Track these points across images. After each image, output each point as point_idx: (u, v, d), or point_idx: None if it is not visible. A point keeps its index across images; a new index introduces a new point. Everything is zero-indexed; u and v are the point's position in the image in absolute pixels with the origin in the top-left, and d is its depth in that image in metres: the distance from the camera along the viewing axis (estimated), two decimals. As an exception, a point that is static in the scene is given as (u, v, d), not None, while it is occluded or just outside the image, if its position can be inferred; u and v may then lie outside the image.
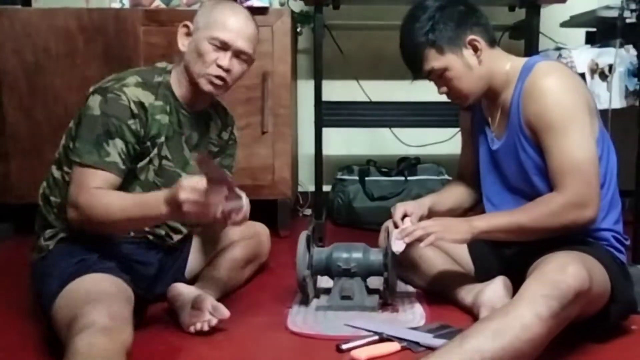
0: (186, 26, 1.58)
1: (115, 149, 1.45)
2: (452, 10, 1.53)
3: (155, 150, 1.54)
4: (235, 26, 1.53)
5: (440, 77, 1.55)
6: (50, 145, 2.33)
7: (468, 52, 1.52)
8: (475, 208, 1.75)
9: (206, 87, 1.54)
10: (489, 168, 1.63)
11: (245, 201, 1.39)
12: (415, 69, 1.57)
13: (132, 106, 1.47)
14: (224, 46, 1.52)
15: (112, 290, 1.32)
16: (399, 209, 1.63)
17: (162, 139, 1.54)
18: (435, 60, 1.52)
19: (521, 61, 1.55)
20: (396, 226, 1.60)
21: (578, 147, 1.41)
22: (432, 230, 1.50)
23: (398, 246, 1.53)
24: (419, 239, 1.51)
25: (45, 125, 2.37)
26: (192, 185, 1.28)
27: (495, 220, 1.51)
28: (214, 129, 1.71)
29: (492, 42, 1.56)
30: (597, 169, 1.42)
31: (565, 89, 1.44)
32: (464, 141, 1.78)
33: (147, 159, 1.53)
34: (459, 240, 1.52)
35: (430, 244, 1.51)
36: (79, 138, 1.45)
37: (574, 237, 1.46)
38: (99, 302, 1.22)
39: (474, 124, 1.69)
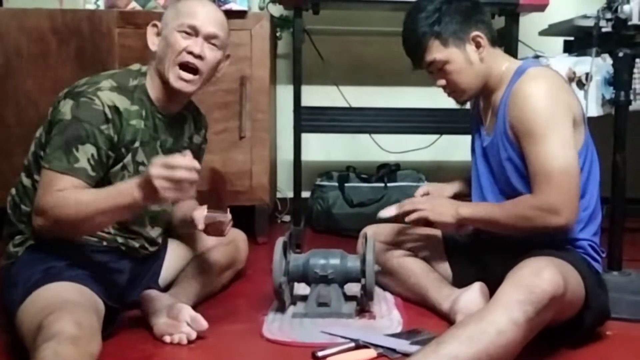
0: (155, 25, 1.56)
1: (85, 155, 1.40)
2: (459, 5, 1.55)
3: (130, 156, 1.50)
4: (202, 11, 1.52)
5: (439, 70, 1.56)
6: (21, 149, 2.27)
7: (470, 48, 1.54)
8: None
9: (176, 83, 1.50)
10: (482, 163, 1.63)
11: (229, 216, 1.54)
12: (417, 59, 1.58)
13: (106, 110, 1.43)
14: (193, 31, 1.50)
15: (79, 299, 1.29)
16: (423, 188, 1.73)
17: (137, 144, 1.51)
18: (437, 52, 1.53)
19: (517, 64, 1.57)
20: None
21: (554, 154, 1.41)
22: (420, 207, 1.56)
23: (386, 212, 1.61)
24: (407, 213, 1.58)
25: (15, 128, 2.32)
26: (163, 161, 1.25)
27: (478, 210, 1.56)
28: (187, 132, 1.68)
29: (494, 41, 1.58)
30: (573, 178, 1.42)
31: (549, 96, 1.44)
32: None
33: (121, 164, 1.49)
34: (443, 222, 1.57)
35: (415, 220, 1.58)
36: (50, 144, 1.41)
37: (551, 242, 1.46)
38: (65, 311, 1.19)
39: (473, 121, 1.71)
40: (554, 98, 1.44)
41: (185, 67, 1.50)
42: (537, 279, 1.23)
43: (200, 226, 1.49)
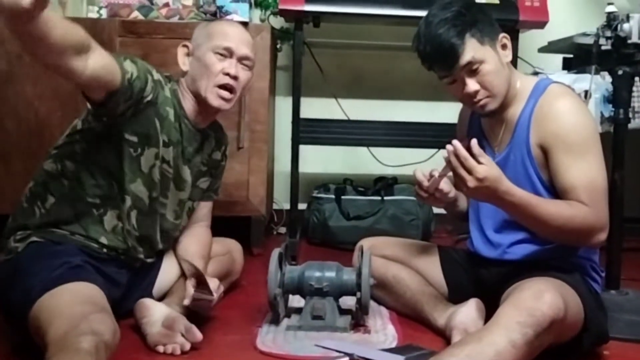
0: (186, 46, 1.62)
1: (130, 65, 1.39)
2: (482, 7, 1.51)
3: (161, 147, 1.53)
4: (235, 33, 1.59)
5: (473, 72, 1.46)
6: (19, 154, 2.29)
7: (499, 49, 1.50)
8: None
9: (215, 102, 1.56)
10: None
11: (215, 297, 1.50)
12: (451, 62, 1.46)
13: (154, 72, 1.49)
14: (228, 53, 1.56)
15: (109, 309, 1.30)
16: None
17: (165, 138, 1.53)
18: (475, 50, 1.45)
19: (531, 80, 1.55)
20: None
21: (599, 170, 1.43)
22: (469, 182, 1.36)
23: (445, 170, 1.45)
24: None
25: (14, 133, 2.31)
26: None
27: (524, 195, 1.41)
28: (207, 149, 1.71)
29: None
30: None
31: (584, 113, 1.46)
32: None
33: (154, 152, 1.52)
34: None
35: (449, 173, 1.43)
36: None
37: (552, 263, 1.46)
38: (107, 317, 1.21)
39: (470, 136, 1.67)
40: (587, 114, 1.47)
41: (223, 87, 1.56)
42: (538, 302, 1.23)
43: (186, 302, 1.49)
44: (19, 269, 1.41)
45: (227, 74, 1.55)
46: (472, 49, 1.45)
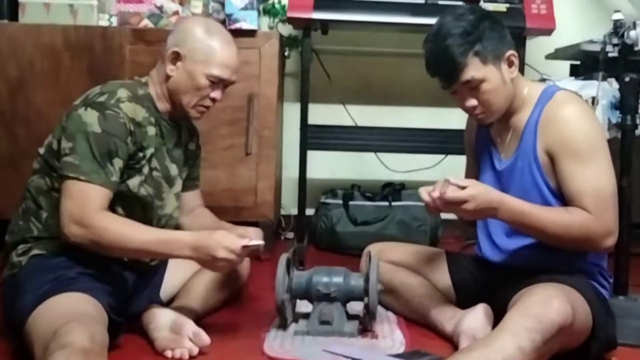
0: (176, 53, 1.59)
1: (115, 168, 1.46)
2: (493, 24, 1.50)
3: (145, 162, 1.55)
4: (231, 62, 1.60)
5: (473, 89, 1.48)
6: (30, 161, 2.30)
7: (504, 67, 1.50)
8: None
9: (196, 115, 1.64)
10: (492, 187, 1.60)
11: (263, 242, 1.56)
12: (451, 78, 1.48)
13: (129, 124, 1.50)
14: (220, 82, 1.60)
15: (92, 313, 1.31)
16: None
17: (152, 150, 1.57)
18: (476, 70, 1.45)
19: (538, 87, 1.56)
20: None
21: (606, 176, 1.43)
22: (461, 213, 1.39)
23: (425, 195, 1.44)
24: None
25: (25, 140, 2.34)
26: (231, 248, 1.40)
27: (522, 206, 1.42)
28: (184, 140, 1.75)
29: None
30: (617, 201, 1.44)
31: (590, 119, 1.47)
32: (469, 160, 1.77)
33: (137, 167, 1.53)
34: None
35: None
36: (77, 154, 1.43)
37: (560, 268, 1.45)
38: (80, 323, 1.21)
39: (479, 143, 1.68)
40: (594, 121, 1.47)
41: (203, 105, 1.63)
42: (546, 308, 1.23)
43: (244, 242, 1.48)
44: (18, 285, 1.43)
45: (213, 99, 1.61)
46: (473, 69, 1.45)
